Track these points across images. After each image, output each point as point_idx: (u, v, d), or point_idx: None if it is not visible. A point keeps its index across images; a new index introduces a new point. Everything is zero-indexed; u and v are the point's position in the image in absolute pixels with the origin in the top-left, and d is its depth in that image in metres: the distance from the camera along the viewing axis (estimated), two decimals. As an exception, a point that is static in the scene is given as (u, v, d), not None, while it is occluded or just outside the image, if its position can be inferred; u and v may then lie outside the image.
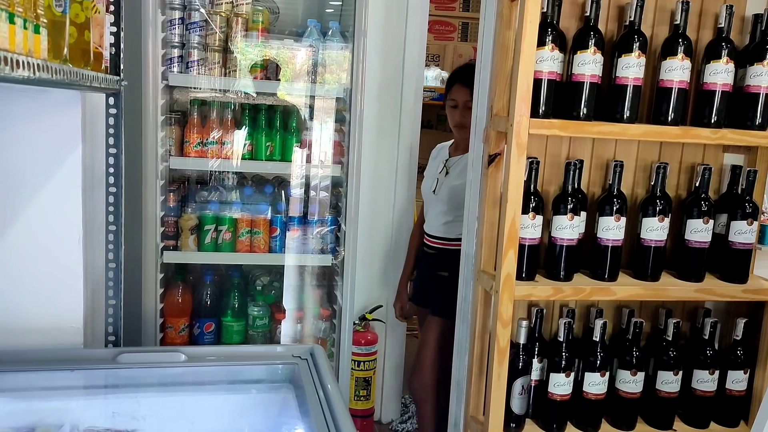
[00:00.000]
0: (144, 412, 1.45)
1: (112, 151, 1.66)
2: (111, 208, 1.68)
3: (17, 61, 0.82)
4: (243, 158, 2.59)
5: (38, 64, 0.90)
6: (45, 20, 0.95)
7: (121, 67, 1.60)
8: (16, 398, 1.46)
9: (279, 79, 2.57)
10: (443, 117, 4.42)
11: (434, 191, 2.71)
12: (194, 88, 2.54)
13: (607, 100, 1.91)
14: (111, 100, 1.64)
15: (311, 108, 2.68)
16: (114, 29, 1.57)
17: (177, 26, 2.45)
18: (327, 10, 2.96)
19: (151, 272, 2.46)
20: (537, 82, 1.80)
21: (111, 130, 1.65)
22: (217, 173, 2.73)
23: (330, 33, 2.59)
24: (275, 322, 2.74)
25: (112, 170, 1.66)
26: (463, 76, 2.61)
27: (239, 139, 2.59)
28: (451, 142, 2.86)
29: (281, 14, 2.82)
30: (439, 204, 2.70)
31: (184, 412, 1.51)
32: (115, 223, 1.70)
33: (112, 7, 1.57)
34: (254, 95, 2.61)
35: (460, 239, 2.31)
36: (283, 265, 2.71)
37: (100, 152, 1.69)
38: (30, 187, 1.57)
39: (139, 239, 2.43)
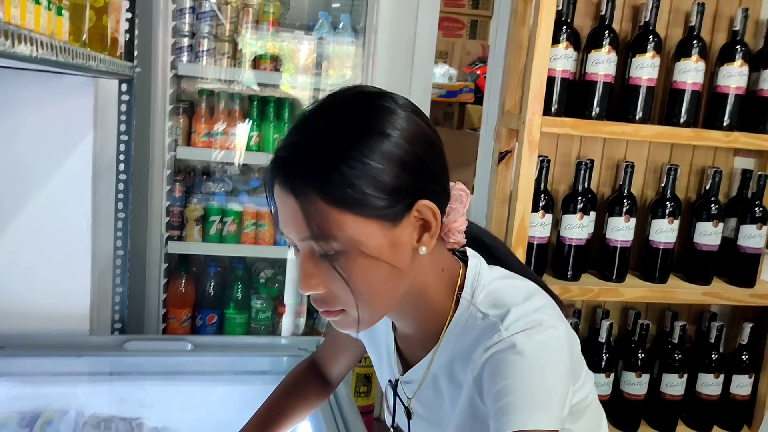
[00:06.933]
0: (150, 399, 1.45)
1: (123, 138, 1.65)
2: (120, 196, 1.67)
3: (41, 42, 0.81)
4: (250, 150, 2.57)
5: (60, 46, 0.90)
6: (67, 2, 0.95)
7: (135, 53, 1.59)
8: (23, 383, 1.46)
9: (287, 71, 2.56)
10: (450, 114, 4.42)
11: None
12: (203, 78, 2.53)
13: (619, 100, 1.90)
14: (123, 87, 1.64)
15: (320, 101, 2.66)
16: (129, 15, 1.56)
17: (187, 15, 2.43)
18: (334, 5, 2.94)
19: (155, 262, 2.45)
20: (550, 80, 1.79)
21: (123, 117, 1.64)
22: (223, 164, 2.72)
23: (341, 26, 2.58)
24: (278, 316, 2.73)
25: (122, 157, 1.66)
26: (287, 171, 0.79)
27: (247, 130, 2.58)
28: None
29: (291, 6, 2.81)
30: None
31: (191, 401, 1.50)
32: (124, 210, 1.69)
33: (127, -7, 1.56)
34: (263, 87, 2.59)
35: None
36: (287, 259, 2.70)
37: (111, 139, 1.69)
38: (41, 172, 1.56)
39: (144, 229, 2.42)
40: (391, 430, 1.03)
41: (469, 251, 0.92)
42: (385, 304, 0.84)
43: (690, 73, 1.86)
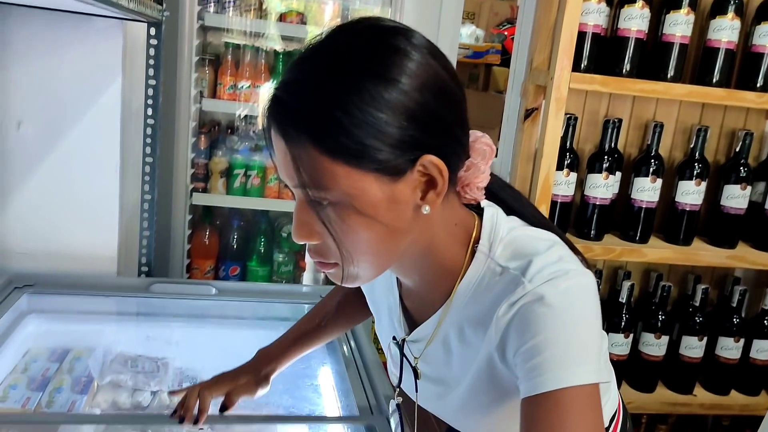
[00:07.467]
0: (176, 338, 1.48)
1: (152, 82, 1.66)
2: (148, 140, 1.69)
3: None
4: (275, 103, 2.57)
5: (93, -24, 0.90)
6: (100, -67, 0.95)
7: (164, -2, 1.59)
8: (53, 320, 1.50)
9: (313, 26, 2.55)
10: (476, 75, 4.37)
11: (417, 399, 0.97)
12: (228, 30, 2.53)
13: (651, 58, 1.87)
14: (152, 31, 1.64)
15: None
16: (158, -42, 1.56)
17: (214, -35, 2.42)
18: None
19: (180, 213, 2.48)
20: (580, 36, 1.76)
21: (151, 61, 1.64)
22: (248, 119, 2.73)
23: (369, -20, 2.55)
24: (299, 270, 2.76)
25: (150, 102, 1.67)
26: (281, 112, 0.71)
27: (272, 85, 2.58)
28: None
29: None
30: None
31: (214, 343, 1.54)
32: (152, 155, 1.71)
33: (156, -64, 1.56)
34: (288, 41, 2.58)
35: None
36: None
37: (139, 84, 1.70)
38: (71, 114, 1.58)
39: (170, 180, 2.44)
40: (398, 390, 0.97)
41: (484, 201, 0.85)
42: (378, 263, 0.77)
43: (725, 31, 1.82)
